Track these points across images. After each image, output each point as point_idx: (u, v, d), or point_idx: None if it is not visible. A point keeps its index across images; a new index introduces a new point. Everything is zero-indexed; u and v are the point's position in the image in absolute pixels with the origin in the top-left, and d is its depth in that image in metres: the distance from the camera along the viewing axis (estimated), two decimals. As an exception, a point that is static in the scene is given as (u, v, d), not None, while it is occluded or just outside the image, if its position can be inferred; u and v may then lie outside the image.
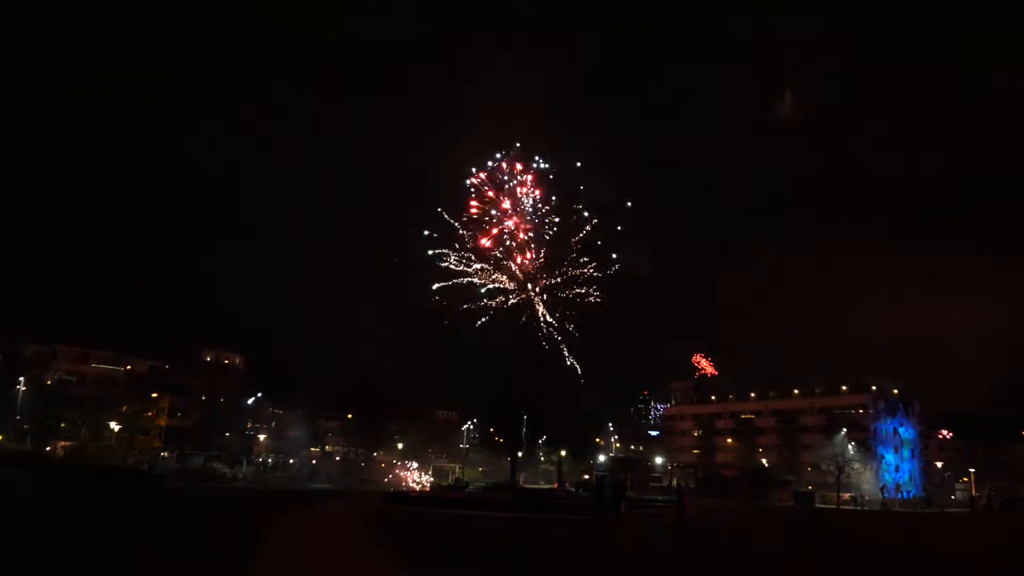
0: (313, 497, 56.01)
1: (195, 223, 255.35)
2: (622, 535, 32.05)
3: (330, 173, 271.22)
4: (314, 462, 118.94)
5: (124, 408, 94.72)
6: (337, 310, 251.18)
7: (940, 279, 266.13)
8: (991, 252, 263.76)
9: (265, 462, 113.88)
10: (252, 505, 42.15)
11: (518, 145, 61.38)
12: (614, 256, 58.80)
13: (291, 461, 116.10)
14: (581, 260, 59.63)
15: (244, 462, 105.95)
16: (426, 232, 60.00)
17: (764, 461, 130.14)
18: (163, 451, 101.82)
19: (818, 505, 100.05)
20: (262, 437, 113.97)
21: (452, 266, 60.19)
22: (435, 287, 59.53)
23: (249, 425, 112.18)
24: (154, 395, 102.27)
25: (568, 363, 62.23)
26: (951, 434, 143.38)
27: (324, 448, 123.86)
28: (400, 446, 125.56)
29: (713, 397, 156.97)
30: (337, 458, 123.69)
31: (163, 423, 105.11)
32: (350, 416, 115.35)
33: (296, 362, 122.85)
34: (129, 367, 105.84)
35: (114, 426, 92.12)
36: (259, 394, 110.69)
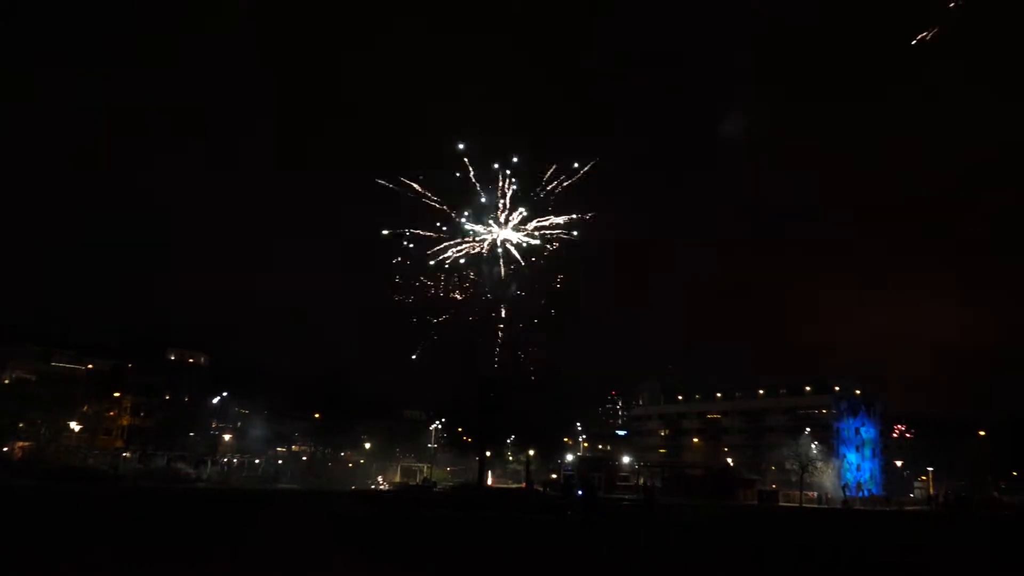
0: (278, 497, 55.58)
1: (158, 221, 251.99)
2: (588, 535, 32.22)
3: (296, 175, 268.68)
4: (280, 462, 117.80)
5: (85, 408, 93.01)
6: (304, 310, 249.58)
7: (901, 281, 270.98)
8: (954, 257, 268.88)
9: (230, 462, 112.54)
10: (215, 506, 41.74)
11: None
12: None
13: (256, 461, 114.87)
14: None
15: (208, 462, 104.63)
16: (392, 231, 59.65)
17: (730, 460, 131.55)
18: (125, 451, 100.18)
19: (782, 504, 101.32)
20: (227, 437, 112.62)
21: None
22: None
23: (214, 425, 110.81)
24: (116, 394, 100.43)
25: (536, 359, 62.36)
26: (910, 434, 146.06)
27: (290, 448, 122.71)
28: (368, 446, 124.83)
29: (680, 397, 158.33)
30: (304, 458, 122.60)
31: (125, 423, 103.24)
32: (317, 416, 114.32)
33: (262, 361, 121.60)
34: (91, 366, 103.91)
35: (75, 426, 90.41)
36: (224, 393, 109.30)
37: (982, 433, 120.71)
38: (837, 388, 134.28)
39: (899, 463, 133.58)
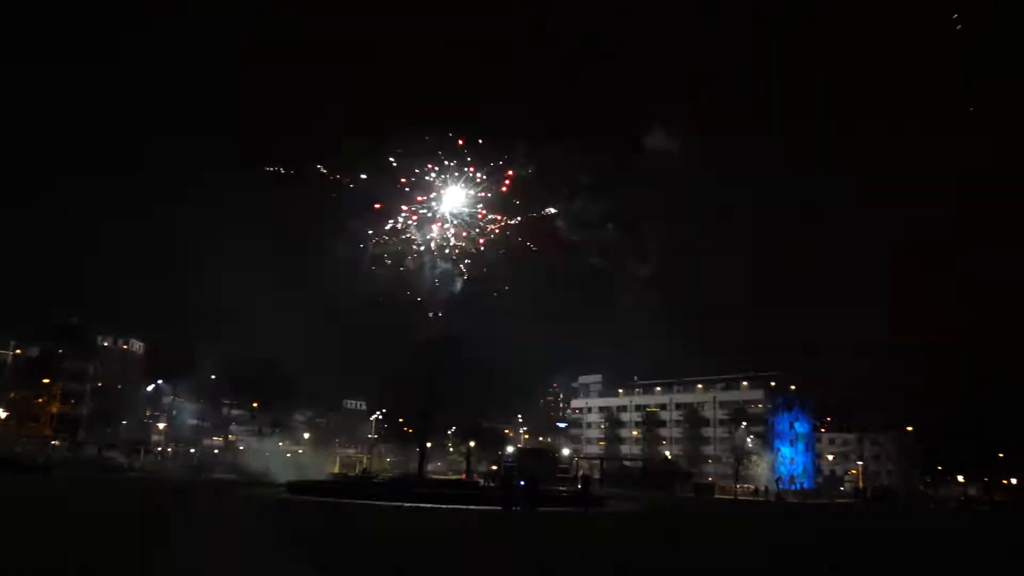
0: (213, 487, 54.68)
1: (92, 204, 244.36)
2: (524, 526, 32.42)
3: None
4: (216, 452, 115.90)
5: (12, 395, 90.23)
6: (243, 296, 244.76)
7: (835, 280, 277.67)
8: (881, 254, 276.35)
9: (164, 451, 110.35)
10: (147, 496, 40.91)
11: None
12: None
13: (192, 451, 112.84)
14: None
15: (142, 452, 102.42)
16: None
17: (667, 453, 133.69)
18: (54, 440, 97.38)
19: (717, 496, 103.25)
20: (161, 426, 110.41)
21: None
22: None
23: (148, 413, 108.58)
24: (45, 380, 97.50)
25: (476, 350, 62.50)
26: (842, 429, 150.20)
27: (227, 437, 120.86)
28: (306, 436, 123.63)
29: (620, 390, 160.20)
30: (241, 447, 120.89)
31: (55, 410, 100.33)
32: (255, 405, 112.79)
33: (199, 349, 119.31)
34: (19, 351, 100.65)
35: (1, 413, 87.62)
36: (159, 381, 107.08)
37: (909, 429, 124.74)
38: (773, 383, 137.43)
39: (831, 457, 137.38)
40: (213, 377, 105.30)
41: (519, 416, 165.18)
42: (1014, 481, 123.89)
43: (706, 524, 42.17)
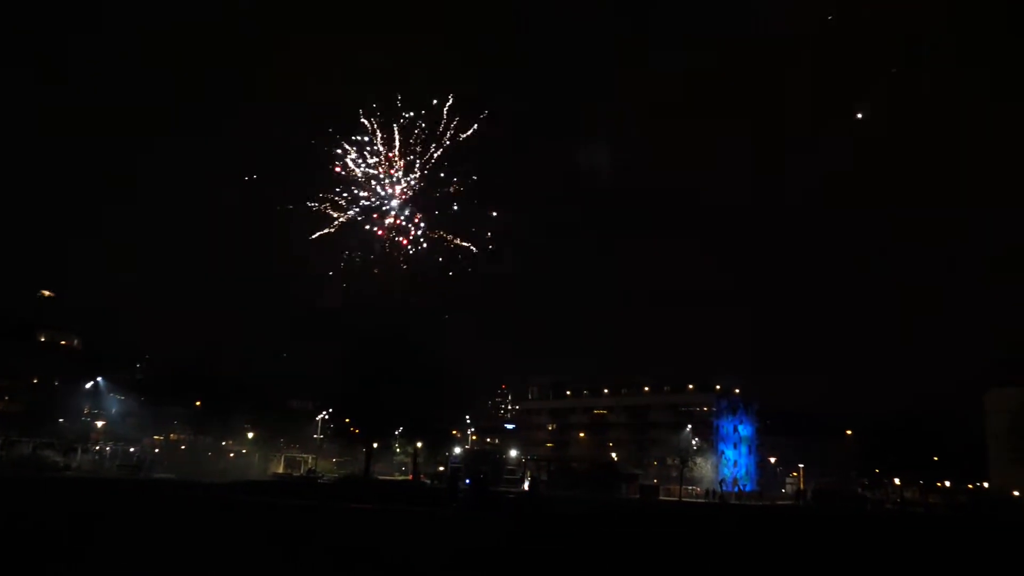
0: (152, 487, 53.49)
1: (32, 201, 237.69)
2: (468, 527, 32.35)
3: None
4: (157, 451, 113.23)
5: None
6: (188, 293, 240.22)
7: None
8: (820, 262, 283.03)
9: (103, 450, 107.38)
10: (84, 495, 39.86)
11: None
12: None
13: (132, 450, 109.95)
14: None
15: (79, 450, 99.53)
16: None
17: (614, 455, 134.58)
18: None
19: (663, 498, 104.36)
20: (100, 424, 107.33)
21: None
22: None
23: (86, 411, 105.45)
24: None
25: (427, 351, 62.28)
26: (784, 432, 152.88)
27: (168, 436, 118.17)
28: (250, 435, 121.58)
29: (569, 392, 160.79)
30: (183, 447, 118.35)
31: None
32: (198, 403, 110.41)
33: (140, 346, 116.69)
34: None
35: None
36: (99, 378, 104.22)
37: (849, 432, 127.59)
38: (718, 387, 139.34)
39: (773, 460, 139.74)
40: (155, 373, 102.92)
41: (467, 417, 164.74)
42: (948, 484, 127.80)
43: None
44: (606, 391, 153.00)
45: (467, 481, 46.23)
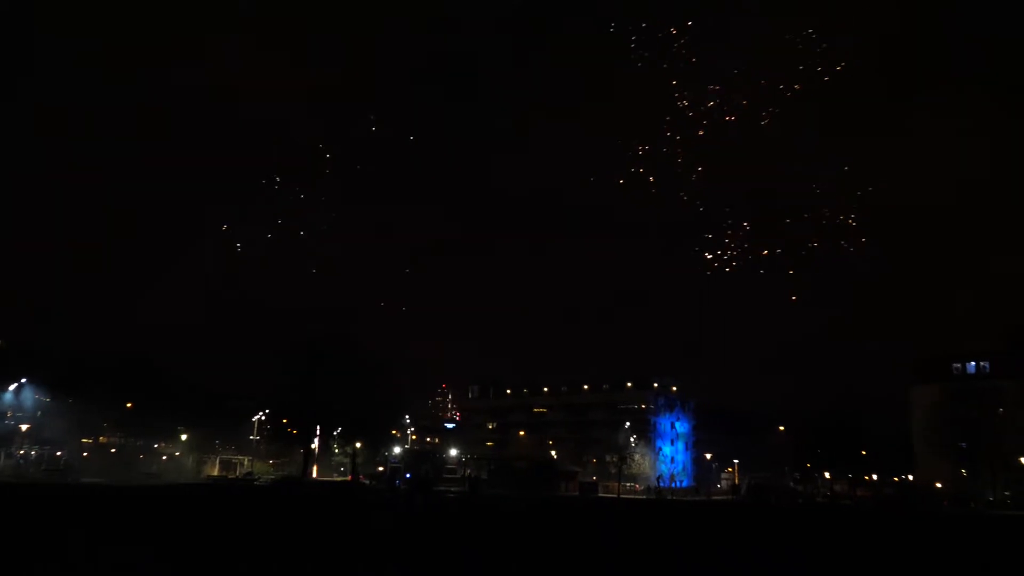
0: (80, 494, 51.97)
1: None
2: (405, 526, 32.32)
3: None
4: (85, 455, 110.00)
5: None
6: (118, 290, 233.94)
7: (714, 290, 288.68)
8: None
9: (27, 454, 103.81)
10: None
11: None
12: None
13: (59, 454, 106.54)
14: None
15: (2, 454, 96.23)
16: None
17: (554, 453, 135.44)
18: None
19: (601, 495, 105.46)
20: (24, 427, 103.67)
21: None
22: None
23: (9, 414, 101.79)
24: None
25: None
26: (719, 428, 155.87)
27: (97, 439, 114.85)
28: (184, 437, 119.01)
29: (509, 391, 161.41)
30: (112, 450, 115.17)
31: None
32: (128, 405, 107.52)
33: (66, 345, 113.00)
34: None
35: None
36: (23, 380, 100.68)
37: (782, 428, 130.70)
38: (656, 384, 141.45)
39: (708, 456, 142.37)
40: (82, 374, 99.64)
41: (407, 417, 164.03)
42: (875, 477, 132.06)
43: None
44: (546, 390, 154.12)
45: (407, 476, 46.23)
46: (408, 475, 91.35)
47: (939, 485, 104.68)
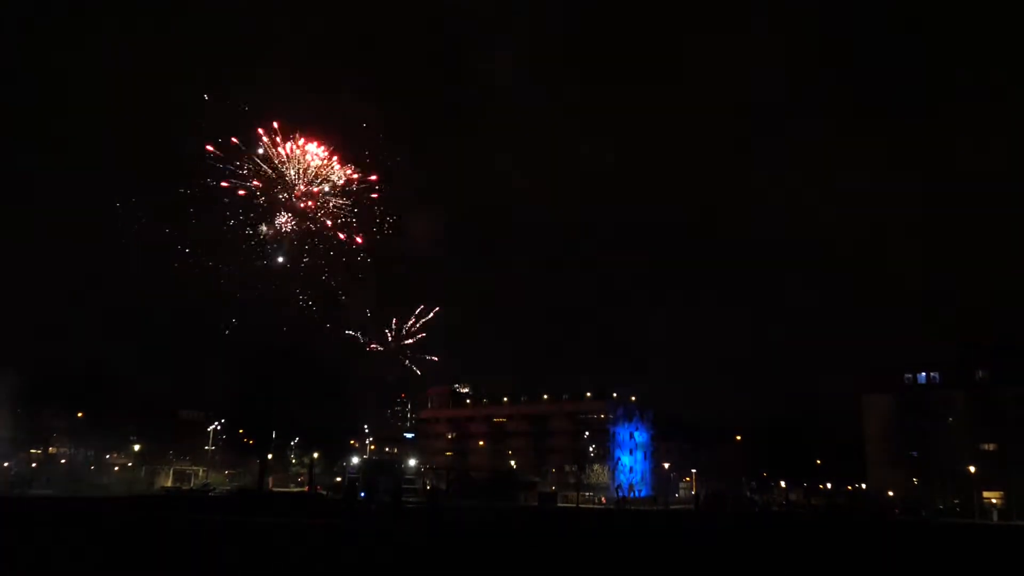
0: (28, 504, 50.66)
1: None
2: (367, 540, 32.06)
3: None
4: (34, 465, 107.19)
5: None
6: (67, 297, 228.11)
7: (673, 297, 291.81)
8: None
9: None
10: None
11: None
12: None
13: (6, 464, 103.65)
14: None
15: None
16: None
17: (513, 463, 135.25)
18: None
19: (560, 504, 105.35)
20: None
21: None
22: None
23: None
24: None
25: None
26: (678, 438, 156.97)
27: (47, 449, 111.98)
28: (137, 448, 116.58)
29: (468, 401, 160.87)
30: (63, 460, 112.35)
31: None
32: (80, 415, 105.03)
33: (16, 354, 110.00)
34: None
35: None
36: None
37: (738, 438, 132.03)
38: (615, 395, 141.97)
39: (667, 465, 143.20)
40: (31, 382, 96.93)
41: (365, 427, 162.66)
42: (829, 486, 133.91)
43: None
44: (505, 400, 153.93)
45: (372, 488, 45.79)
46: (369, 486, 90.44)
47: (891, 493, 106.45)
